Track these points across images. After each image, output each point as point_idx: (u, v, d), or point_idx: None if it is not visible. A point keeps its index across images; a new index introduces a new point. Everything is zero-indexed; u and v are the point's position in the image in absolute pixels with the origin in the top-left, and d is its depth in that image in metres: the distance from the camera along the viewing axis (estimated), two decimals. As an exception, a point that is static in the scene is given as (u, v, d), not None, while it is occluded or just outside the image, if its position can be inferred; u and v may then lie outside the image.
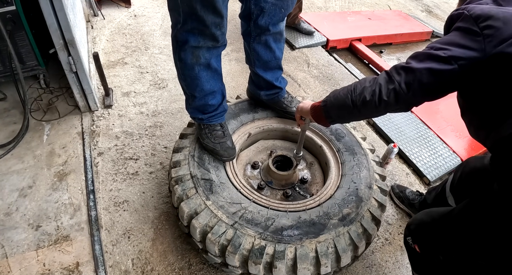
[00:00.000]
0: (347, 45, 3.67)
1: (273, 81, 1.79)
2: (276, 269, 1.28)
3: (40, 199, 1.82)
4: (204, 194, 1.44)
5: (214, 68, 1.54)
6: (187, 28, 1.36)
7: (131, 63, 2.88)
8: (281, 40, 1.72)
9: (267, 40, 1.65)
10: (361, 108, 1.17)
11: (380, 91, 1.10)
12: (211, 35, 1.38)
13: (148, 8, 3.73)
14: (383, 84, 1.10)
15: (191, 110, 1.68)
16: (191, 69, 1.50)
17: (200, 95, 1.58)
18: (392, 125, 2.57)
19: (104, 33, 3.20)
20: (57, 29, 1.86)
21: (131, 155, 2.10)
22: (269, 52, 1.70)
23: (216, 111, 1.66)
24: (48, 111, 2.32)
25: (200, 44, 1.40)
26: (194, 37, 1.37)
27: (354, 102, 1.18)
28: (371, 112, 1.19)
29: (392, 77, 1.09)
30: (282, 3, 1.52)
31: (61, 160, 2.02)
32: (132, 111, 2.42)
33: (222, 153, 1.59)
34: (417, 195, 2.00)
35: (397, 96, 1.07)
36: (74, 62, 2.02)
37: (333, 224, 1.40)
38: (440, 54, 1.00)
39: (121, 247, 1.67)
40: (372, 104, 1.12)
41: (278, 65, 1.79)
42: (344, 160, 1.70)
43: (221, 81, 1.65)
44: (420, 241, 1.28)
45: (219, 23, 1.35)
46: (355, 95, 1.18)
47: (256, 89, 1.86)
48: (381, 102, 1.10)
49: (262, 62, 1.73)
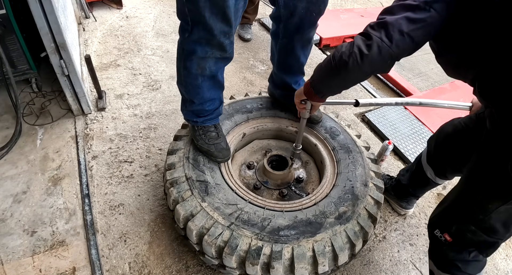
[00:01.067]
0: (340, 42, 3.67)
1: (291, 83, 1.79)
2: (274, 269, 1.28)
3: (35, 205, 1.80)
4: (200, 196, 1.43)
5: (218, 80, 1.53)
6: (194, 38, 1.33)
7: (124, 65, 2.86)
8: (308, 47, 1.70)
9: (294, 44, 1.63)
10: (345, 73, 1.16)
11: (359, 49, 1.09)
12: (219, 45, 1.34)
13: (140, 9, 3.71)
14: (361, 43, 1.09)
15: (186, 112, 1.66)
16: (195, 79, 1.47)
17: (199, 101, 1.57)
18: (387, 122, 2.57)
19: (96, 35, 3.18)
20: (48, 32, 1.84)
21: (125, 158, 2.09)
22: (293, 56, 1.68)
23: (212, 115, 1.64)
24: (41, 115, 2.30)
25: (207, 55, 1.37)
26: (201, 47, 1.35)
27: (337, 69, 1.17)
28: (356, 74, 1.18)
29: (369, 34, 1.08)
30: (314, 6, 1.50)
31: (55, 164, 2.00)
32: (126, 113, 2.40)
33: (216, 154, 1.58)
34: (389, 179, 2.01)
35: (380, 49, 1.06)
36: (66, 65, 2.01)
37: (330, 223, 1.40)
38: (412, 3, 1.02)
39: (117, 251, 1.66)
40: (354, 64, 1.11)
41: (300, 70, 1.79)
42: (339, 158, 1.70)
43: (222, 89, 1.63)
44: (449, 226, 1.25)
45: (228, 32, 1.31)
46: (335, 62, 1.17)
47: (275, 87, 1.87)
48: (363, 57, 1.09)
49: (284, 65, 1.73)
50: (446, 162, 1.57)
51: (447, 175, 1.63)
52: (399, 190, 1.92)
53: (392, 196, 1.99)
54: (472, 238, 1.19)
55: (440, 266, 1.36)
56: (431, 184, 1.73)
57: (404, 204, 1.94)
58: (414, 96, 2.95)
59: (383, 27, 1.06)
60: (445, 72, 1.25)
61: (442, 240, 1.29)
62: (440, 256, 1.35)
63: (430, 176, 1.68)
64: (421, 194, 1.90)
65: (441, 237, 1.29)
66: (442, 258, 1.34)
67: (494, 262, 1.86)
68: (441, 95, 2.93)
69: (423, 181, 1.75)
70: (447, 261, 1.31)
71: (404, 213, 1.97)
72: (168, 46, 3.17)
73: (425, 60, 3.80)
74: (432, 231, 1.34)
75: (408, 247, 1.86)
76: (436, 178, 1.67)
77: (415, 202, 1.95)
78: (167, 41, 3.25)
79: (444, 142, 1.55)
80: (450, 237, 1.25)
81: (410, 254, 1.83)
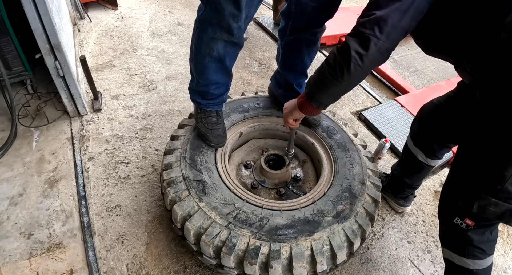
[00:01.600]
0: (336, 41, 3.68)
1: (293, 84, 1.81)
2: (272, 268, 1.28)
3: (31, 207, 1.79)
4: (197, 196, 1.43)
5: (225, 65, 1.56)
6: (207, 17, 1.38)
7: (120, 66, 2.85)
8: (314, 48, 1.73)
9: (300, 43, 1.66)
10: (348, 78, 1.15)
11: (357, 52, 1.07)
12: (227, 27, 1.38)
13: (135, 10, 3.70)
14: (357, 45, 1.07)
15: (192, 92, 1.71)
16: (203, 58, 1.52)
17: (204, 82, 1.61)
18: (383, 120, 2.57)
19: (91, 36, 3.17)
20: (43, 33, 1.83)
21: (122, 159, 2.08)
22: (298, 55, 1.71)
23: (215, 100, 1.69)
24: (37, 117, 2.28)
25: (216, 36, 1.42)
26: (212, 27, 1.40)
27: (340, 76, 1.14)
28: (359, 76, 1.16)
29: (363, 34, 1.06)
30: (324, 8, 1.53)
31: (51, 166, 1.99)
32: (122, 114, 2.39)
33: (211, 139, 1.63)
34: (385, 177, 2.02)
35: (378, 47, 1.06)
36: (61, 66, 2.00)
37: (328, 221, 1.40)
38: None
39: (115, 252, 1.66)
40: (357, 68, 1.10)
41: (303, 71, 1.81)
42: (336, 157, 1.70)
43: (229, 76, 1.66)
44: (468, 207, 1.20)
45: (237, 15, 1.35)
46: (334, 72, 1.15)
47: (276, 86, 1.88)
48: (363, 59, 1.08)
49: (288, 63, 1.75)
50: (432, 138, 1.59)
51: (436, 153, 1.64)
52: (395, 185, 1.92)
53: (389, 194, 1.99)
54: (495, 211, 1.16)
55: (463, 253, 1.32)
56: (424, 167, 1.73)
57: (402, 201, 1.94)
58: (410, 94, 2.95)
59: (375, 23, 1.04)
60: (424, 52, 1.26)
61: (463, 227, 1.26)
62: (463, 243, 1.31)
63: (422, 158, 1.68)
64: (417, 184, 1.88)
65: (462, 224, 1.26)
66: (466, 244, 1.30)
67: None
68: (437, 92, 2.92)
69: (416, 166, 1.75)
70: (472, 247, 1.29)
71: (402, 210, 1.98)
72: (164, 46, 3.16)
73: (421, 57, 3.80)
74: (449, 220, 1.31)
75: (406, 245, 1.86)
76: (428, 159, 1.68)
77: (412, 199, 1.95)
78: (162, 41, 3.24)
79: (427, 120, 1.58)
80: (472, 221, 1.23)
81: (408, 252, 1.83)
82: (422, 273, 1.75)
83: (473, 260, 1.30)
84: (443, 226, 1.38)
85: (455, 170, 1.29)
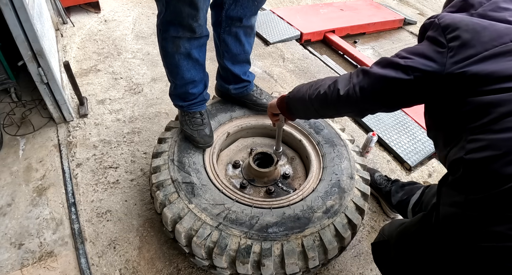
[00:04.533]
0: (321, 37, 3.69)
1: (241, 74, 1.80)
2: (264, 267, 1.29)
3: (21, 217, 1.78)
4: (187, 198, 1.43)
5: (195, 58, 1.57)
6: (167, 18, 1.41)
7: (104, 70, 2.83)
8: (252, 34, 1.73)
9: (238, 32, 1.66)
10: (315, 103, 1.17)
11: (334, 88, 1.08)
12: (188, 26, 1.41)
13: (118, 12, 3.67)
14: (340, 82, 1.08)
15: (173, 97, 1.73)
16: (172, 58, 1.54)
17: (181, 83, 1.63)
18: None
19: (74, 40, 3.13)
20: (24, 40, 1.81)
21: (110, 164, 2.07)
22: (238, 45, 1.70)
23: (196, 100, 1.70)
24: (22, 125, 2.26)
25: (179, 34, 1.45)
26: (174, 27, 1.42)
27: (310, 96, 1.18)
28: (324, 108, 1.18)
29: (351, 77, 1.07)
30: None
31: (39, 174, 1.97)
32: (109, 118, 2.38)
33: (198, 139, 1.63)
34: (385, 180, 1.99)
35: (349, 97, 1.05)
36: (44, 73, 1.97)
37: (318, 217, 1.41)
38: (401, 62, 0.95)
39: (107, 258, 1.65)
40: (323, 99, 1.12)
41: (246, 59, 1.80)
42: (324, 152, 1.71)
43: (203, 71, 1.67)
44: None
45: (195, 15, 1.38)
46: (312, 90, 1.18)
47: (224, 83, 1.86)
48: (333, 99, 1.09)
49: (231, 55, 1.74)
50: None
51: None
52: (388, 200, 1.91)
53: (383, 198, 1.97)
54: None
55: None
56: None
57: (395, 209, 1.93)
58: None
59: (363, 77, 1.04)
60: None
61: None
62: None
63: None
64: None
65: None
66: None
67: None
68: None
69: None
70: None
71: (394, 216, 1.96)
72: (149, 49, 3.15)
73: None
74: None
75: (397, 236, 1.88)
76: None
77: None
78: (147, 43, 3.22)
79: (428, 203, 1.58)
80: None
81: (399, 243, 1.85)
82: (413, 263, 1.77)
83: None
84: None
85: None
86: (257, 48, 3.33)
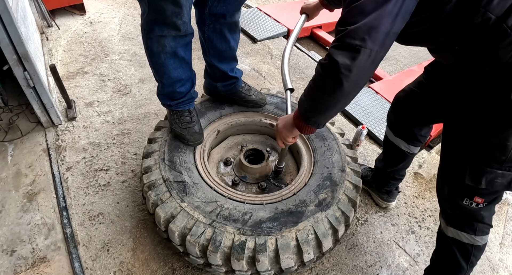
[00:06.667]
0: (309, 33, 3.70)
1: (228, 71, 1.80)
2: (259, 262, 1.29)
3: (11, 223, 1.75)
4: (179, 197, 1.42)
5: (181, 57, 1.56)
6: (151, 18, 1.40)
7: (92, 72, 2.80)
8: (236, 30, 1.72)
9: (222, 29, 1.65)
10: (345, 98, 1.06)
11: (348, 68, 0.95)
12: (172, 24, 1.41)
13: (104, 14, 3.63)
14: (347, 60, 0.95)
15: (161, 97, 1.72)
16: (158, 57, 1.53)
17: (168, 82, 1.62)
18: (360, 108, 2.61)
19: (60, 43, 3.10)
20: (9, 44, 1.78)
21: (101, 166, 2.05)
22: (224, 41, 1.70)
23: (184, 98, 1.69)
24: (10, 130, 2.23)
25: (164, 33, 1.44)
26: (158, 26, 1.42)
27: (333, 100, 1.06)
28: (356, 92, 1.07)
29: (352, 45, 0.93)
30: None
31: (28, 179, 1.95)
32: (97, 121, 2.36)
33: (188, 137, 1.64)
34: (369, 171, 2.04)
35: (373, 59, 0.95)
36: (30, 76, 1.95)
37: (311, 210, 1.42)
38: None
39: (101, 261, 1.64)
40: (351, 85, 1.00)
41: (233, 56, 1.80)
42: (315, 146, 1.72)
43: (190, 70, 1.67)
44: (477, 184, 1.18)
45: (179, 12, 1.37)
46: (327, 95, 1.05)
47: (212, 81, 1.86)
48: (357, 73, 0.97)
49: (217, 52, 1.74)
50: (411, 123, 1.61)
51: (418, 137, 1.65)
52: (379, 178, 1.93)
53: (373, 189, 2.00)
54: (502, 182, 1.16)
55: (473, 231, 1.31)
56: (407, 156, 1.75)
57: (386, 196, 1.95)
58: (384, 80, 3.00)
59: (365, 32, 0.91)
60: (400, 43, 1.23)
61: (473, 206, 1.24)
62: (473, 222, 1.30)
63: (405, 147, 1.70)
64: (402, 174, 1.89)
65: (472, 204, 1.24)
66: (476, 222, 1.29)
67: (486, 255, 1.86)
68: (410, 77, 2.98)
69: (399, 156, 1.76)
70: (483, 224, 1.29)
71: (386, 206, 1.98)
72: (136, 49, 3.12)
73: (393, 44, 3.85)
74: (456, 203, 1.28)
75: (390, 228, 1.90)
76: (410, 147, 1.69)
77: (396, 195, 1.96)
78: (134, 44, 3.19)
79: (402, 107, 1.61)
80: (481, 198, 1.22)
81: (392, 234, 1.87)
82: (408, 253, 1.79)
83: (481, 237, 1.31)
84: (449, 210, 1.35)
85: (449, 153, 1.28)
86: (245, 45, 3.32)
